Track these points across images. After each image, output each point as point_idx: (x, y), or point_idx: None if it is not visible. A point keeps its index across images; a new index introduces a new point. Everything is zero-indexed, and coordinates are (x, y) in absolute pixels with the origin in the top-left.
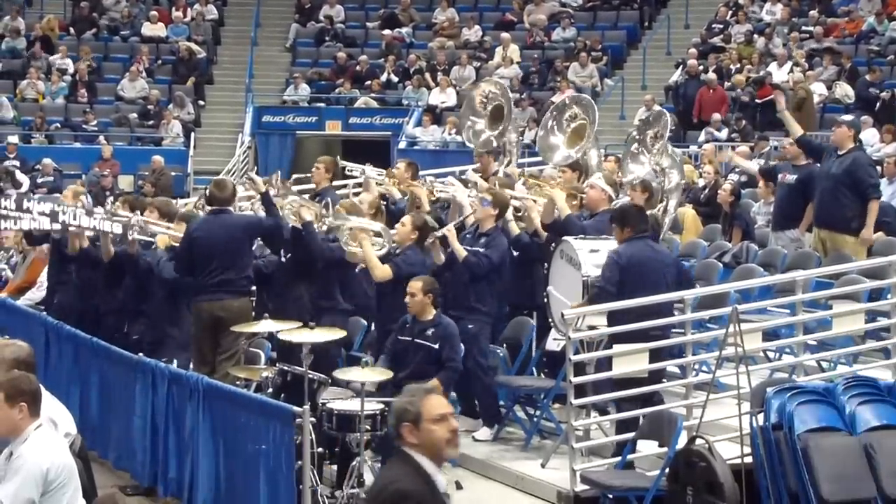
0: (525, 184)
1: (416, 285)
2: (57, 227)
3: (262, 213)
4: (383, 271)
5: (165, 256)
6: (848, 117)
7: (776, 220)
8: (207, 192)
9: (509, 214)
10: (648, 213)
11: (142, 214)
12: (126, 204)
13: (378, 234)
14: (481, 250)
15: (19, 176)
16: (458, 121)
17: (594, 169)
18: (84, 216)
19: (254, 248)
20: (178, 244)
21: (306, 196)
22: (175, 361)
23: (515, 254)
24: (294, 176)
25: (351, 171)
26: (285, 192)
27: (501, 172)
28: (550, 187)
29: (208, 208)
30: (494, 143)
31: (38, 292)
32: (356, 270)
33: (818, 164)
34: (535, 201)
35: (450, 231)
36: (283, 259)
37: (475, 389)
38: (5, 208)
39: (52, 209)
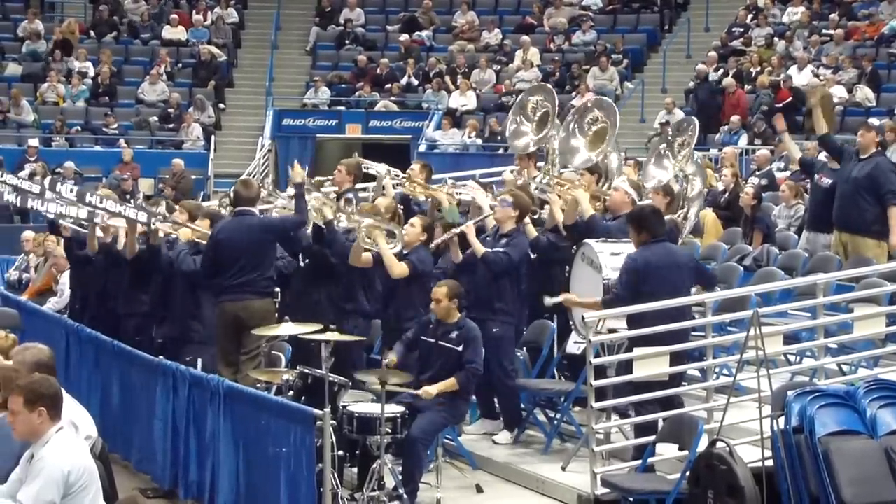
0: (549, 183)
1: (441, 291)
2: (84, 211)
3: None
4: (401, 269)
5: (186, 249)
6: (875, 122)
7: (811, 222)
8: (233, 191)
9: (531, 230)
10: (668, 217)
11: (171, 214)
12: (157, 205)
13: (391, 234)
14: (501, 250)
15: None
16: (507, 118)
17: (614, 172)
18: (111, 201)
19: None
20: (201, 240)
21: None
22: (199, 361)
23: (533, 256)
24: (314, 179)
25: (368, 168)
26: (309, 189)
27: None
28: (574, 188)
29: (233, 209)
30: (533, 148)
31: (61, 300)
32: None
33: None
34: (559, 196)
35: (468, 228)
36: (301, 264)
37: (498, 393)
38: (33, 191)
39: (79, 191)
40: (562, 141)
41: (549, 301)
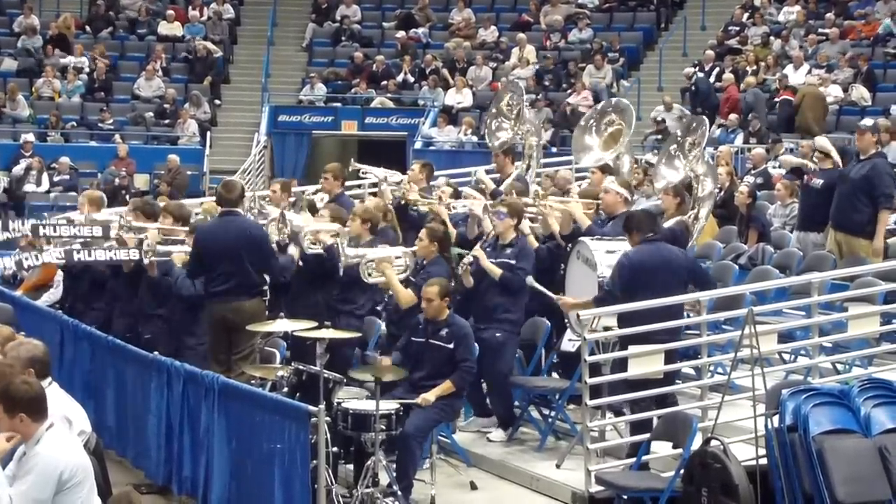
0: (543, 198)
1: (431, 290)
2: (72, 261)
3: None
4: (410, 297)
5: (183, 274)
6: (868, 122)
7: (801, 222)
8: (216, 193)
9: (527, 229)
10: (679, 218)
11: (155, 221)
12: (138, 213)
13: (399, 257)
14: (513, 262)
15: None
16: (485, 120)
17: (624, 175)
18: (99, 251)
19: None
20: None
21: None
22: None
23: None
24: (306, 192)
25: (366, 173)
26: (301, 230)
27: (514, 174)
28: (570, 194)
29: (218, 210)
30: (513, 145)
31: (55, 292)
32: None
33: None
34: (552, 207)
35: (479, 253)
36: (299, 263)
37: (492, 396)
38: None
39: (65, 250)
40: (576, 138)
41: (531, 282)
